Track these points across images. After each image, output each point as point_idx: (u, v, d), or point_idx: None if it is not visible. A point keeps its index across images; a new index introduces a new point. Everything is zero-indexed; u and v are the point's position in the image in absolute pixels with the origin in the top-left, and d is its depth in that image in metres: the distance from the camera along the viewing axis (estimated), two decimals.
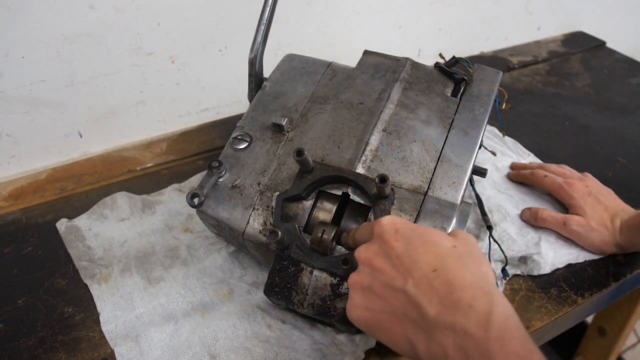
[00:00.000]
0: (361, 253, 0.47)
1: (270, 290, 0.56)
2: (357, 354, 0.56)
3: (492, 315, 0.37)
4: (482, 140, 0.62)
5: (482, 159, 0.82)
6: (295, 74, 0.70)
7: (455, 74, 0.67)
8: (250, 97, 0.69)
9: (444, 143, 0.60)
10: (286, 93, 0.68)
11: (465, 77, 0.66)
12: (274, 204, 0.58)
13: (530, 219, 0.73)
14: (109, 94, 0.83)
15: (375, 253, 0.45)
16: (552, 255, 0.70)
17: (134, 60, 0.82)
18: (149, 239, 0.70)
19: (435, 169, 0.58)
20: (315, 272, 0.55)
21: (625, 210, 0.71)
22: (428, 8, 1.10)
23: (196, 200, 0.57)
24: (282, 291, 0.55)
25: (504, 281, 0.66)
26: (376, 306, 0.44)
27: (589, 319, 1.20)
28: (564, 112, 1.02)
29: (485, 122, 0.62)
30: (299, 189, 0.57)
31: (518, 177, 0.81)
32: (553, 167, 0.79)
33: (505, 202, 0.77)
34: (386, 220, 0.47)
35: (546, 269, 0.68)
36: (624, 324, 1.07)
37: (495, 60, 1.20)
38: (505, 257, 0.67)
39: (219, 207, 0.59)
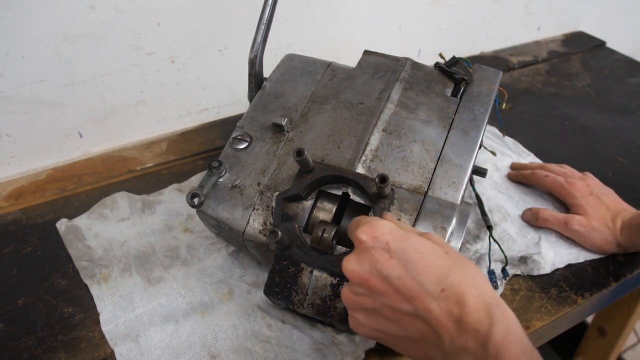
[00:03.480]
0: (350, 269, 0.43)
1: (270, 290, 0.56)
2: (357, 354, 0.57)
3: (492, 335, 0.38)
4: (482, 140, 0.62)
5: (482, 159, 0.82)
6: (295, 74, 0.70)
7: (455, 74, 0.67)
8: (250, 97, 0.69)
9: (444, 143, 0.60)
10: (286, 93, 0.68)
11: (465, 77, 0.66)
12: (274, 204, 0.58)
13: (532, 220, 0.73)
14: (109, 94, 0.83)
15: (369, 273, 0.42)
16: (552, 255, 0.70)
17: (134, 60, 0.82)
18: (149, 239, 0.70)
19: (435, 169, 0.58)
20: (315, 272, 0.55)
21: (627, 209, 0.71)
22: (428, 8, 1.10)
23: (196, 200, 0.57)
24: (282, 291, 0.55)
25: (504, 281, 0.66)
26: (388, 329, 0.43)
27: (589, 319, 1.20)
28: (564, 112, 1.02)
29: (485, 122, 0.62)
30: (299, 188, 0.57)
31: (518, 177, 0.81)
32: (554, 167, 0.79)
33: (505, 202, 0.77)
34: (367, 233, 0.43)
35: (546, 269, 0.68)
36: (624, 324, 1.07)
37: (495, 60, 1.20)
38: (505, 257, 0.67)
39: (219, 207, 0.59)
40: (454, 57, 0.68)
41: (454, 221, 0.55)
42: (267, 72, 0.70)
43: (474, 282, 0.41)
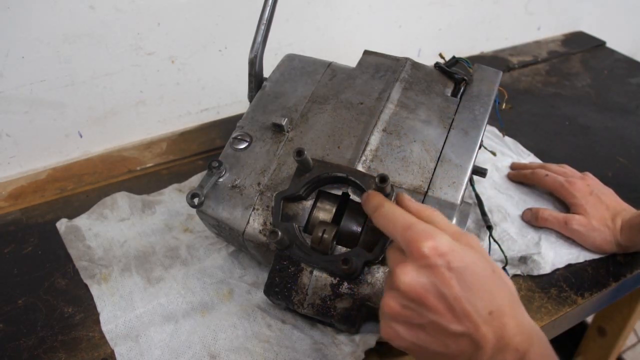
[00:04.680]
0: (407, 282, 0.42)
1: (270, 290, 0.56)
2: (357, 354, 0.56)
3: (529, 354, 0.41)
4: (482, 140, 0.62)
5: (482, 159, 0.82)
6: (295, 74, 0.70)
7: (455, 74, 0.67)
8: (250, 97, 0.69)
9: (444, 143, 0.60)
10: (286, 93, 0.68)
11: (465, 77, 0.66)
12: (273, 203, 0.58)
13: (532, 219, 0.73)
14: (109, 94, 0.83)
15: (425, 289, 0.41)
16: (552, 255, 0.70)
17: (134, 60, 0.82)
18: (149, 239, 0.70)
19: (435, 169, 0.58)
20: (315, 272, 0.55)
21: (627, 209, 0.71)
22: (428, 8, 1.10)
23: (196, 200, 0.57)
24: (282, 291, 0.55)
25: None
26: (427, 344, 0.43)
27: (589, 319, 1.20)
28: (564, 112, 1.02)
29: (485, 122, 0.62)
30: (297, 187, 0.57)
31: (518, 177, 0.81)
32: (554, 166, 0.79)
33: (505, 202, 0.77)
34: (430, 248, 0.41)
35: (546, 269, 0.68)
36: (624, 324, 1.07)
37: (495, 60, 1.20)
38: (505, 257, 0.67)
39: (219, 207, 0.59)
40: (454, 57, 0.68)
41: (454, 221, 0.55)
42: (267, 72, 0.70)
43: (512, 303, 0.43)
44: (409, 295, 0.42)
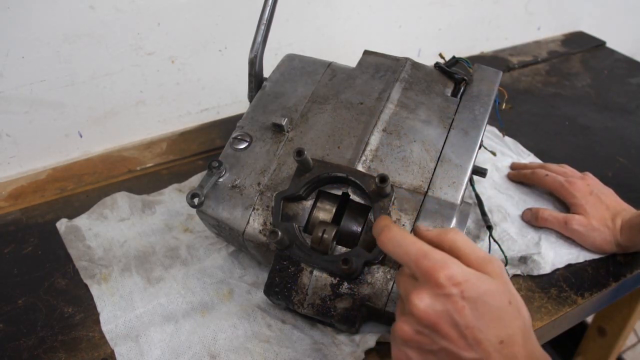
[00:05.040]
0: (422, 308, 0.42)
1: (270, 290, 0.56)
2: (357, 354, 0.57)
3: None
4: (482, 140, 0.62)
5: (482, 159, 0.82)
6: (295, 74, 0.70)
7: (455, 74, 0.67)
8: (250, 97, 0.69)
9: (444, 143, 0.60)
10: (286, 93, 0.68)
11: (465, 77, 0.66)
12: (273, 203, 0.58)
13: (532, 219, 0.73)
14: (109, 94, 0.83)
15: (439, 316, 0.42)
16: (552, 255, 0.70)
17: (134, 60, 0.82)
18: (149, 239, 0.70)
19: (435, 169, 0.58)
20: (315, 272, 0.55)
21: (627, 209, 0.71)
22: (428, 8, 1.10)
23: (196, 200, 0.57)
24: (282, 291, 0.55)
25: None
26: None
27: (589, 319, 1.20)
28: (564, 112, 1.02)
29: (485, 122, 0.62)
30: (297, 187, 0.57)
31: (518, 177, 0.81)
32: (554, 166, 0.79)
33: (505, 202, 0.77)
34: (447, 277, 0.42)
35: (546, 269, 0.68)
36: (624, 324, 1.07)
37: (495, 60, 1.20)
38: (505, 257, 0.67)
39: (219, 207, 0.59)
40: (454, 57, 0.68)
41: (454, 221, 0.55)
42: (267, 72, 0.70)
43: (525, 333, 0.43)
44: (423, 321, 0.43)
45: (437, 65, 0.68)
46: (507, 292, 0.44)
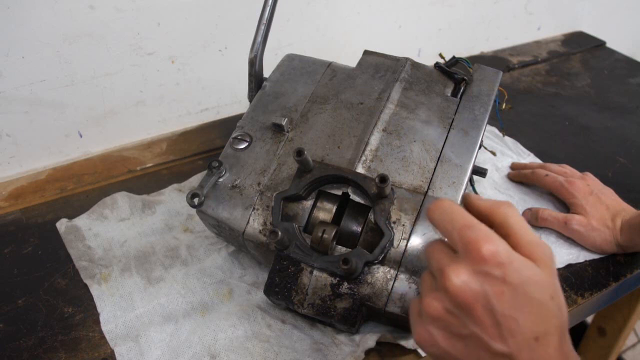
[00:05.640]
0: (458, 285, 0.38)
1: (270, 290, 0.56)
2: (357, 354, 0.56)
3: None
4: (482, 140, 0.62)
5: (482, 159, 0.82)
6: (295, 74, 0.70)
7: (455, 74, 0.67)
8: (250, 97, 0.69)
9: (444, 143, 0.60)
10: (286, 93, 0.68)
11: (465, 77, 0.66)
12: (273, 203, 0.58)
13: (532, 219, 0.73)
14: (109, 94, 0.83)
15: (475, 296, 0.38)
16: None
17: (134, 60, 0.82)
18: (149, 239, 0.70)
19: (435, 169, 0.58)
20: (315, 272, 0.55)
21: (627, 209, 0.71)
22: (428, 8, 1.10)
23: (196, 200, 0.57)
24: (282, 291, 0.55)
25: None
26: (462, 356, 0.40)
27: (589, 319, 1.20)
28: (564, 112, 1.02)
29: (485, 122, 0.62)
30: (297, 188, 0.57)
31: (519, 176, 0.81)
32: (554, 166, 0.79)
33: None
34: (491, 252, 0.38)
35: None
36: (624, 324, 1.07)
37: (495, 60, 1.20)
38: None
39: (219, 207, 0.59)
40: (454, 57, 0.68)
41: None
42: (267, 72, 0.70)
43: (562, 334, 0.39)
44: (456, 300, 0.39)
45: (437, 65, 0.68)
46: (551, 285, 0.40)
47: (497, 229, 0.41)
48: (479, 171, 0.68)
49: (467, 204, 0.44)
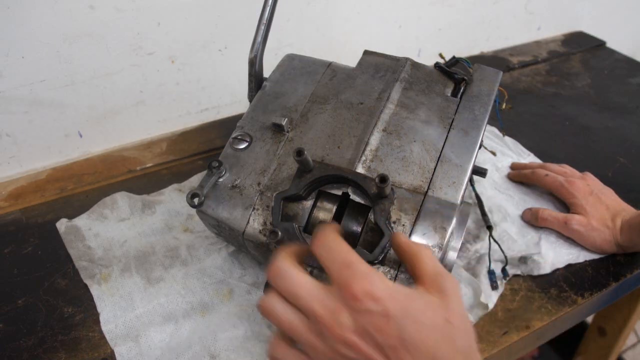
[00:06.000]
0: (333, 323, 0.38)
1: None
2: None
3: None
4: (482, 140, 0.62)
5: (482, 159, 0.82)
6: (295, 74, 0.70)
7: (455, 74, 0.67)
8: (250, 97, 0.69)
9: (444, 143, 0.60)
10: (286, 93, 0.68)
11: (465, 77, 0.66)
12: (273, 203, 0.58)
13: (532, 219, 0.73)
14: (109, 94, 0.83)
15: (357, 334, 0.38)
16: (552, 255, 0.70)
17: (134, 60, 0.82)
18: (149, 239, 0.70)
19: (435, 169, 0.58)
20: (316, 272, 0.55)
21: (627, 209, 0.71)
22: (428, 8, 1.10)
23: (196, 200, 0.57)
24: None
25: (504, 281, 0.66)
26: None
27: (589, 319, 1.20)
28: (564, 112, 1.02)
29: (485, 122, 0.62)
30: (297, 188, 0.57)
31: (519, 176, 0.81)
32: (554, 166, 0.79)
33: (505, 202, 0.77)
34: (365, 291, 0.38)
35: (546, 269, 0.68)
36: (624, 324, 1.07)
37: (495, 60, 1.20)
38: (505, 257, 0.68)
39: (219, 207, 0.59)
40: (454, 57, 0.68)
41: (454, 221, 0.55)
42: (267, 72, 0.70)
43: (464, 356, 0.39)
44: (340, 340, 0.39)
45: (437, 65, 0.68)
46: (445, 308, 0.40)
47: (408, 263, 0.44)
48: (479, 171, 0.68)
49: (393, 236, 0.49)
